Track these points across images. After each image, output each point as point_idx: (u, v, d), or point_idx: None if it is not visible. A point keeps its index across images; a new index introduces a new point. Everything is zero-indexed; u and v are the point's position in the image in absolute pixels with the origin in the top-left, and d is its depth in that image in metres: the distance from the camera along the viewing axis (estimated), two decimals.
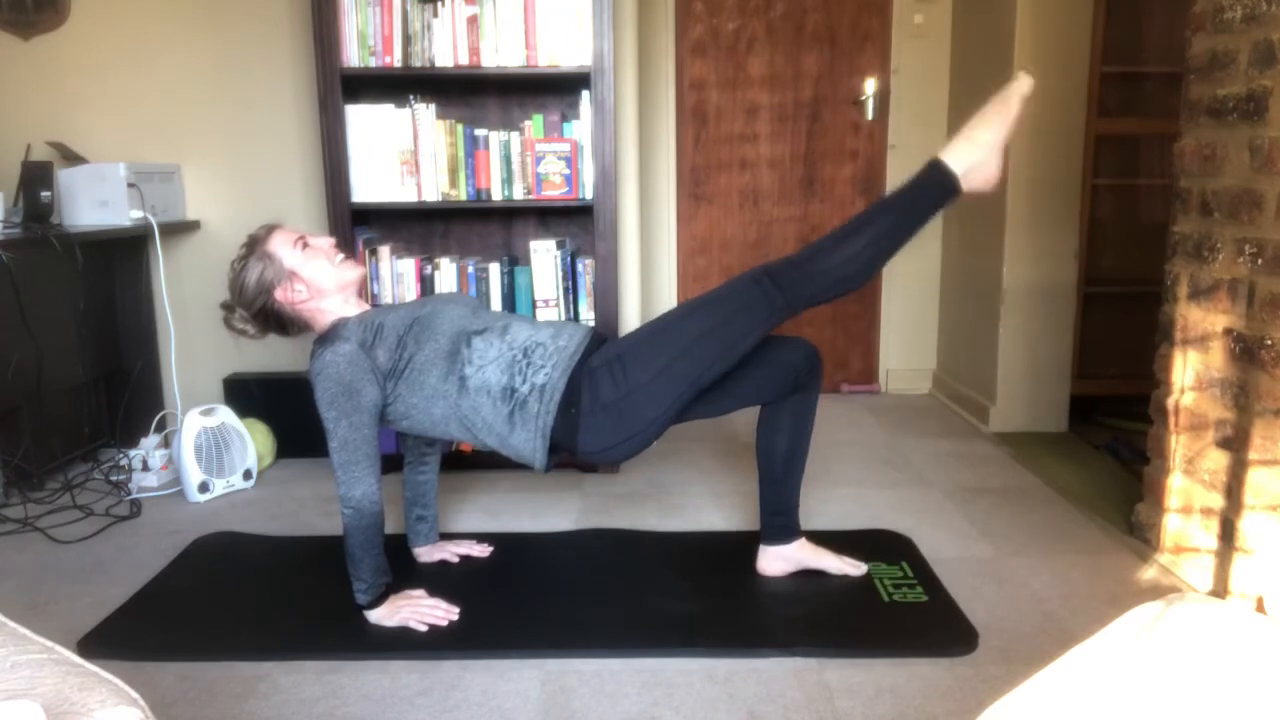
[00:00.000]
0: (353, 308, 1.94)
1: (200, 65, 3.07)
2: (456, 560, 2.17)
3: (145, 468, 2.72)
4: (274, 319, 1.93)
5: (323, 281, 1.90)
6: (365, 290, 2.72)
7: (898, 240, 1.82)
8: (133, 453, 2.76)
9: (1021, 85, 1.81)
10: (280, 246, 1.90)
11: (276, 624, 1.90)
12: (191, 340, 3.18)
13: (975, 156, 1.78)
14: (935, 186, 1.79)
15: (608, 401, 1.78)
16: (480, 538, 2.27)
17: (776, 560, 2.06)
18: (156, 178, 2.95)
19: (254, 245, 1.91)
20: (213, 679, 1.71)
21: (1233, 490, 1.91)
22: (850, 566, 2.07)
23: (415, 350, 1.82)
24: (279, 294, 1.89)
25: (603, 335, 1.95)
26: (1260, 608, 1.82)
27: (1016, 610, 1.93)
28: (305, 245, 1.91)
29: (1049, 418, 3.22)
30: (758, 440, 2.03)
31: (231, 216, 3.14)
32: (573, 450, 1.83)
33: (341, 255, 1.95)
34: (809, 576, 2.05)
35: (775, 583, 2.04)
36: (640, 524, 2.42)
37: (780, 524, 2.05)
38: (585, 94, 2.67)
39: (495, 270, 2.76)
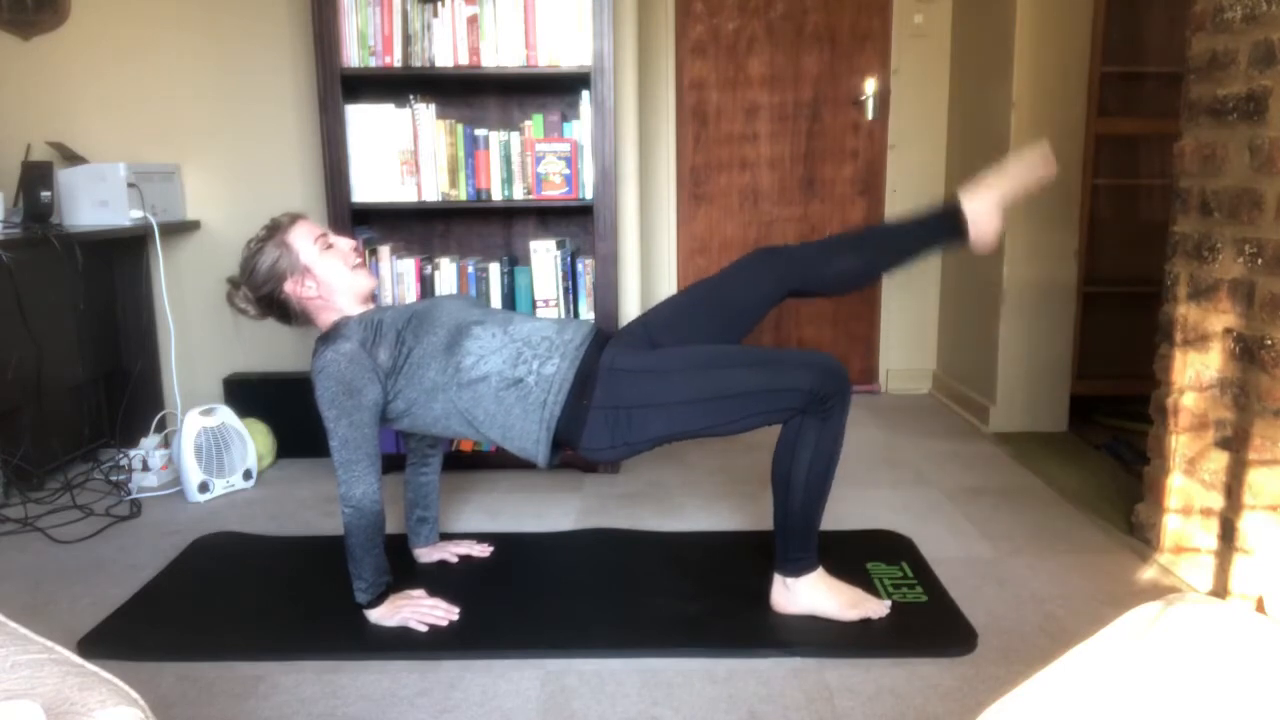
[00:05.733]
0: (357, 308, 1.94)
1: (200, 65, 3.07)
2: (456, 560, 2.17)
3: (145, 468, 2.72)
4: (278, 307, 1.93)
5: (335, 282, 1.90)
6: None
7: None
8: (133, 453, 2.76)
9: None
10: (300, 239, 1.90)
11: (276, 624, 1.90)
12: (191, 340, 3.18)
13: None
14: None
15: (621, 403, 1.78)
16: (480, 538, 2.27)
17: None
18: (156, 178, 2.95)
19: (275, 231, 1.91)
20: (213, 679, 1.71)
21: (1233, 490, 1.91)
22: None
23: (414, 344, 1.82)
24: (289, 285, 1.90)
25: (606, 333, 1.95)
26: (1260, 608, 1.82)
27: (1016, 610, 1.93)
28: (327, 244, 1.92)
29: (1049, 418, 3.22)
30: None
31: (231, 216, 3.14)
32: (573, 444, 1.83)
33: (358, 260, 1.95)
34: None
35: None
36: (640, 524, 2.42)
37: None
38: (585, 94, 2.67)
39: (495, 270, 2.76)
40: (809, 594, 1.88)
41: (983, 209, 1.89)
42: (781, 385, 1.76)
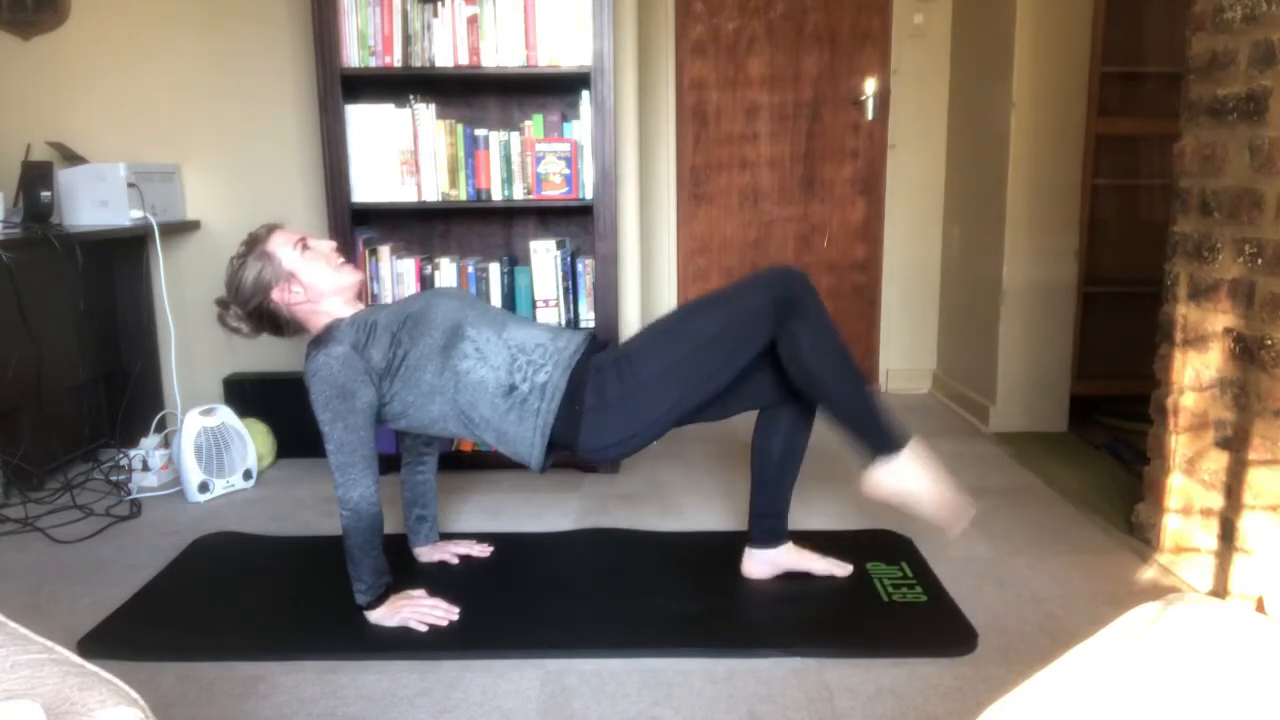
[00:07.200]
0: (348, 309, 1.93)
1: (200, 65, 3.07)
2: (456, 560, 2.17)
3: (145, 468, 2.72)
4: (268, 319, 1.93)
5: (321, 285, 1.90)
6: (365, 292, 2.72)
7: (837, 408, 1.81)
8: (133, 453, 2.76)
9: (965, 513, 1.85)
10: (280, 247, 1.90)
11: (276, 624, 1.90)
12: (191, 340, 3.18)
13: (901, 476, 1.81)
14: (880, 442, 1.81)
15: (612, 399, 1.78)
16: (480, 538, 2.27)
17: (762, 564, 2.06)
18: (156, 178, 2.95)
19: (254, 244, 1.91)
20: (213, 679, 1.71)
21: (1233, 490, 1.91)
22: (836, 567, 2.06)
23: (410, 346, 1.81)
24: (276, 295, 1.89)
25: (602, 340, 1.95)
26: (1260, 608, 1.82)
27: (1016, 610, 1.93)
28: (305, 247, 1.91)
29: (1049, 418, 3.22)
30: (754, 442, 2.03)
31: (231, 216, 3.14)
32: (573, 448, 1.83)
33: (341, 259, 1.95)
34: (807, 578, 2.05)
35: (775, 583, 2.04)
36: (640, 524, 2.42)
37: (769, 527, 2.04)
38: (585, 94, 2.67)
39: (495, 270, 2.76)
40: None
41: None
42: (745, 312, 1.78)
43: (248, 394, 3.03)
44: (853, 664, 1.73)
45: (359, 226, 2.79)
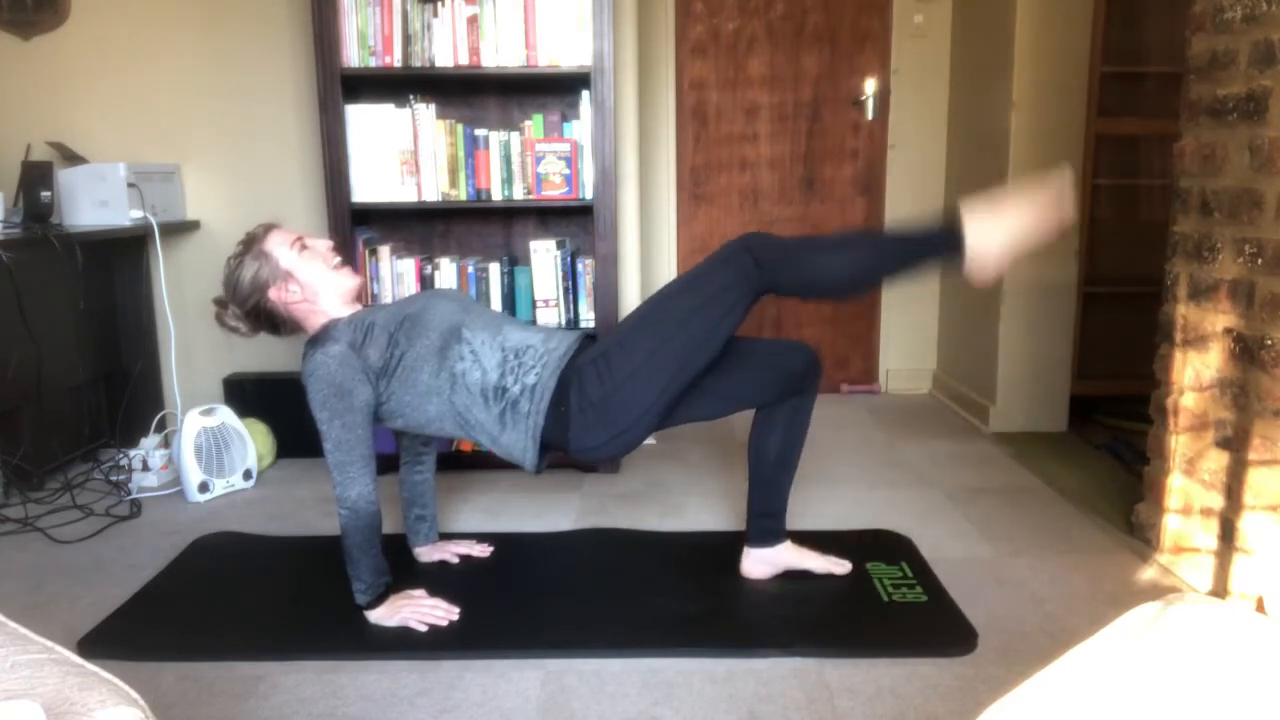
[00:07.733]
0: (345, 309, 1.93)
1: (200, 65, 3.07)
2: (456, 560, 2.17)
3: (145, 468, 2.72)
4: (266, 318, 1.93)
5: (317, 284, 1.90)
6: (365, 294, 2.72)
7: (882, 273, 1.80)
8: (133, 453, 2.76)
9: (1061, 179, 1.72)
10: (277, 246, 1.90)
11: (276, 624, 1.90)
12: (191, 340, 3.18)
13: (989, 237, 1.71)
14: (944, 242, 1.74)
15: (595, 398, 1.77)
16: (480, 538, 2.27)
17: (760, 564, 2.06)
18: (156, 178, 2.95)
19: (251, 243, 1.91)
20: (213, 679, 1.71)
21: (1233, 490, 1.91)
22: (835, 565, 2.06)
23: (406, 347, 1.81)
24: (273, 294, 1.89)
25: (595, 341, 1.95)
26: (1260, 608, 1.82)
27: (1016, 610, 1.93)
28: (303, 247, 1.91)
29: (1049, 418, 3.22)
30: (751, 442, 2.02)
31: (231, 216, 3.14)
32: (565, 448, 1.83)
33: (338, 259, 1.95)
34: (807, 577, 2.05)
35: (774, 583, 2.04)
36: (640, 524, 2.42)
37: (767, 527, 2.05)
38: (585, 94, 2.67)
39: (495, 270, 2.76)
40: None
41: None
42: (721, 280, 1.76)
43: (248, 394, 3.03)
44: (853, 664, 1.73)
45: (359, 226, 2.79)
